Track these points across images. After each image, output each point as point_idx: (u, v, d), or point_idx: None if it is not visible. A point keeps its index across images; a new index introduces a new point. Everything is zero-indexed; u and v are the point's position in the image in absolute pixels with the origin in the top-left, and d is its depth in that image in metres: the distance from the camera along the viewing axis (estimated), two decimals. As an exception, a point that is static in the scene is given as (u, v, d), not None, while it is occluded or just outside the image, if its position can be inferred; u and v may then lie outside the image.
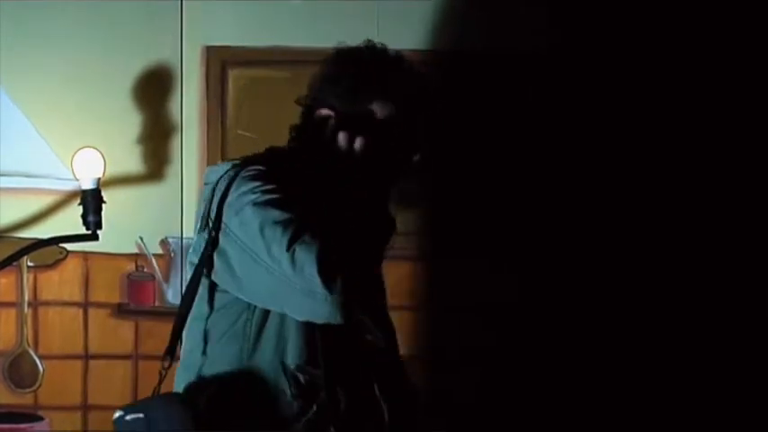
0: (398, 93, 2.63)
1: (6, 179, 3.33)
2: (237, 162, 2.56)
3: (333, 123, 2.61)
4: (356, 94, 2.62)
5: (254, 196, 2.47)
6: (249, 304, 2.54)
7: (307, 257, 2.38)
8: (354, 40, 3.33)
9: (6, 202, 3.34)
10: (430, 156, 2.66)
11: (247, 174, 2.51)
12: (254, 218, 2.44)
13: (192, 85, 3.38)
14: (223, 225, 2.50)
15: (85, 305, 3.38)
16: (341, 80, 2.64)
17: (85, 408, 3.38)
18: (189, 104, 3.38)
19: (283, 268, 2.40)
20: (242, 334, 2.56)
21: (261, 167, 2.53)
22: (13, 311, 3.36)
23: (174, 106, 3.38)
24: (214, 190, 2.53)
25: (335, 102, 2.62)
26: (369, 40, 2.70)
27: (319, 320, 2.46)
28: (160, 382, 2.57)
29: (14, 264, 3.27)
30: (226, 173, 2.54)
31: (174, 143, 3.37)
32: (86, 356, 3.38)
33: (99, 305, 3.37)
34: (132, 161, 3.35)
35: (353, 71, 2.64)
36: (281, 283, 2.43)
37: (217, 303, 2.58)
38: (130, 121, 3.35)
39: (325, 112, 2.63)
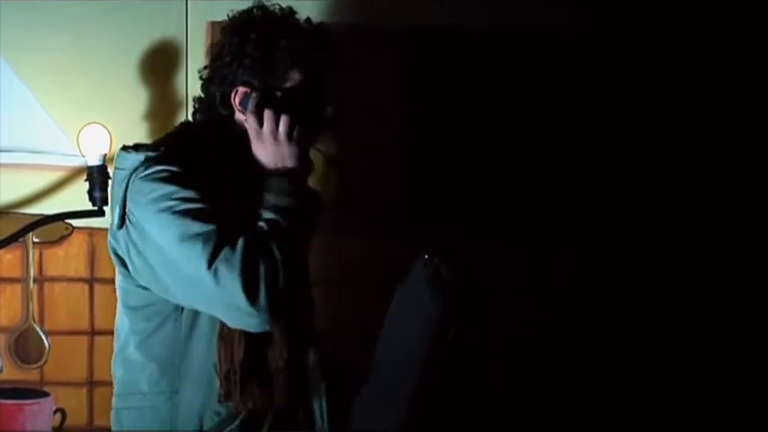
0: (309, 58, 2.63)
1: (12, 155, 3.32)
2: (151, 154, 2.55)
3: (254, 101, 2.61)
4: (272, 68, 2.62)
5: (171, 203, 2.47)
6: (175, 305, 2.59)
7: (229, 275, 2.41)
8: (357, 17, 3.37)
9: (12, 179, 3.33)
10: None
11: (163, 174, 2.51)
12: (174, 227, 2.46)
13: (197, 61, 3.36)
14: (140, 224, 2.52)
15: (91, 281, 3.38)
16: (252, 53, 2.63)
17: (91, 384, 3.38)
18: (194, 80, 3.34)
19: (206, 284, 2.43)
20: (171, 334, 2.61)
21: (176, 169, 2.51)
22: (18, 287, 3.36)
23: (179, 82, 3.37)
24: (128, 181, 2.54)
25: (250, 77, 2.63)
26: (260, 2, 2.70)
27: (248, 329, 2.50)
28: None
29: (20, 240, 3.26)
30: (142, 165, 2.53)
31: (180, 119, 3.35)
32: (92, 332, 3.38)
33: (104, 281, 3.36)
34: (138, 137, 3.31)
35: (264, 43, 2.63)
36: (205, 294, 2.46)
37: (140, 300, 2.63)
38: (136, 97, 3.34)
39: (242, 89, 2.63)
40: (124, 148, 2.64)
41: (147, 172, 2.53)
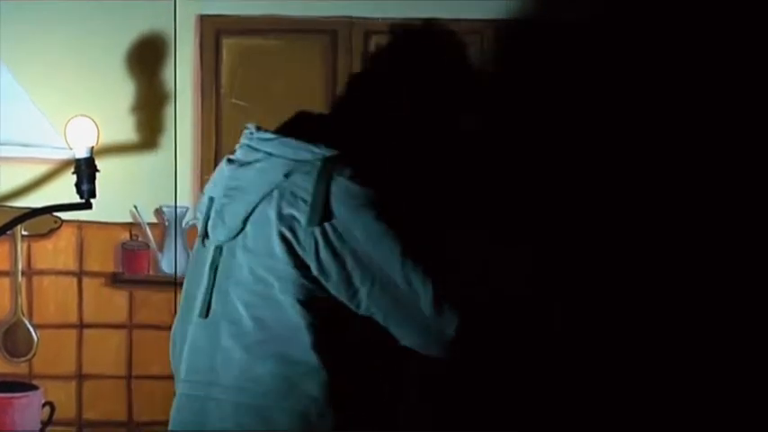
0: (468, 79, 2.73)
1: (0, 148, 3.32)
2: (328, 154, 2.50)
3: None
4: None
5: (383, 220, 2.45)
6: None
7: (450, 313, 2.45)
8: (350, 9, 3.37)
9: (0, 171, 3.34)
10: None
11: (360, 188, 2.48)
12: (393, 241, 2.44)
13: (185, 55, 3.37)
14: (347, 227, 2.46)
15: (80, 274, 3.38)
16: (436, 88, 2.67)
17: (80, 377, 3.38)
18: (183, 73, 3.37)
19: (420, 303, 2.44)
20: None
21: (369, 186, 2.49)
22: (6, 280, 3.36)
23: (168, 75, 3.37)
24: (322, 175, 2.48)
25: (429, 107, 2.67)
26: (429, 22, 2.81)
27: (423, 352, 2.51)
28: None
29: (8, 233, 3.27)
30: (322, 164, 2.49)
31: (168, 112, 3.36)
32: (81, 325, 3.38)
33: (93, 274, 3.37)
34: (126, 130, 3.35)
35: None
36: (403, 310, 2.46)
37: (315, 308, 2.49)
38: (124, 90, 3.34)
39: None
40: (259, 128, 2.66)
41: (350, 174, 2.49)
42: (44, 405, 3.36)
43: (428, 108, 2.66)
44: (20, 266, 3.35)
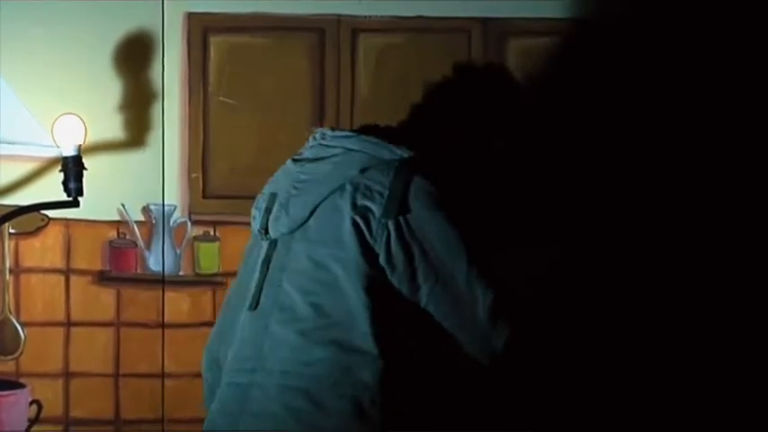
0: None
1: (-13, 146, 3.33)
2: (406, 156, 2.57)
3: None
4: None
5: (455, 224, 2.52)
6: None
7: (503, 326, 2.50)
8: (337, 7, 3.38)
9: (-13, 169, 3.34)
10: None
11: (433, 195, 2.54)
12: (461, 244, 2.51)
13: (173, 52, 3.37)
14: (419, 225, 2.52)
15: (67, 272, 3.38)
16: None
17: (67, 375, 3.38)
18: (170, 71, 3.37)
19: (478, 309, 2.50)
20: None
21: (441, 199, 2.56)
22: (-6, 278, 3.37)
23: (155, 73, 3.37)
24: (399, 173, 2.55)
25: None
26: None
27: (478, 360, 2.56)
28: None
29: (-4, 231, 3.28)
30: (400, 163, 2.56)
31: (156, 110, 3.36)
32: (68, 323, 3.38)
33: (81, 272, 3.37)
34: (114, 128, 3.34)
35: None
36: (460, 313, 2.52)
37: (377, 298, 2.52)
38: (112, 88, 3.34)
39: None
40: (333, 129, 2.71)
41: (425, 174, 2.56)
42: (31, 403, 3.35)
43: (473, 134, 2.76)
44: (7, 264, 3.35)
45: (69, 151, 3.16)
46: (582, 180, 3.34)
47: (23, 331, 3.37)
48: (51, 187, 3.23)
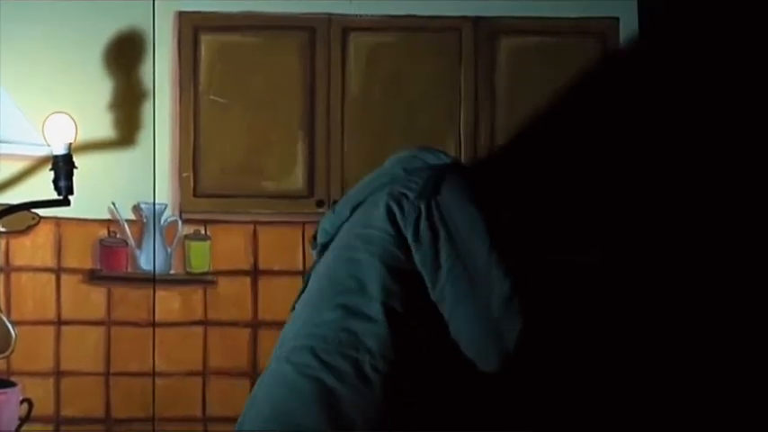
0: None
1: (-22, 145, 3.33)
2: (449, 162, 2.67)
3: None
4: None
5: (484, 218, 2.58)
6: None
7: (516, 317, 2.52)
8: (328, 6, 3.38)
9: (-22, 168, 3.34)
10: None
11: (467, 189, 2.61)
12: (486, 234, 2.56)
13: (164, 51, 3.37)
14: (443, 207, 2.58)
15: (58, 271, 3.38)
16: None
17: (58, 373, 3.38)
18: (161, 70, 3.37)
19: (493, 295, 2.53)
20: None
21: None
22: (-15, 277, 3.37)
23: (146, 72, 3.37)
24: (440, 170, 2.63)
25: None
26: None
27: (477, 362, 2.57)
28: None
29: (-14, 229, 3.27)
30: (442, 164, 2.66)
31: (147, 109, 3.36)
32: (59, 322, 3.38)
33: (71, 271, 3.37)
34: (104, 126, 3.34)
35: None
36: (475, 300, 2.54)
37: (394, 277, 2.58)
38: (102, 87, 3.34)
39: None
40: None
41: (465, 173, 2.68)
42: (22, 402, 3.35)
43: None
44: (-2, 263, 3.36)
45: (60, 150, 3.16)
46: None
47: (14, 330, 3.36)
48: (42, 186, 3.23)
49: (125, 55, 3.35)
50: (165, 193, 3.37)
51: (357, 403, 2.47)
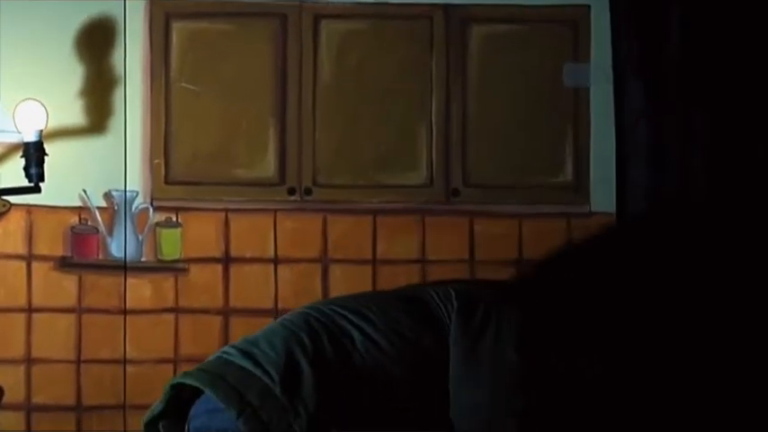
0: None
1: (-52, 132, 3.32)
2: None
3: None
4: None
5: None
6: None
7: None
8: (300, -7, 3.40)
9: (-52, 155, 3.33)
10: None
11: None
12: None
13: (135, 38, 3.37)
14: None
15: (29, 258, 3.37)
16: None
17: (29, 361, 3.37)
18: (132, 57, 3.37)
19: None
20: None
21: None
22: (-45, 264, 3.36)
23: (117, 59, 3.36)
24: None
25: None
26: None
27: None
28: None
29: (-44, 216, 3.26)
30: None
31: (118, 96, 3.35)
32: (30, 309, 3.37)
33: (42, 258, 3.36)
34: (75, 114, 3.34)
35: None
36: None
37: None
38: (73, 74, 3.33)
39: None
40: None
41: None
42: (-7, 389, 3.35)
43: None
44: (-32, 250, 3.35)
45: (31, 137, 3.15)
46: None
47: (-15, 317, 3.36)
48: (12, 173, 3.23)
49: (96, 42, 3.35)
50: (136, 180, 3.37)
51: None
